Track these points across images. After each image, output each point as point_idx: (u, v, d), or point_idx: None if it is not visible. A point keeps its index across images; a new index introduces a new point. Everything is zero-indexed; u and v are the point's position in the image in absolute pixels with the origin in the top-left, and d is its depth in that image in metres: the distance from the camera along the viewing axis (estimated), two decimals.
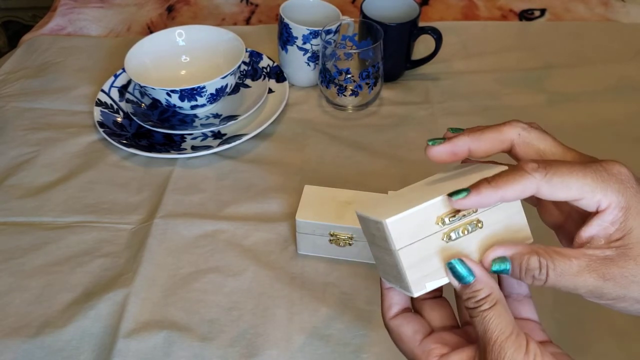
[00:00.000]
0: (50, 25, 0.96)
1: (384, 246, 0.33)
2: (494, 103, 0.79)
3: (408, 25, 0.77)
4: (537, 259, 0.31)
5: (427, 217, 0.32)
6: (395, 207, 0.33)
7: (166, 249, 0.61)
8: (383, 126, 0.76)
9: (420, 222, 0.32)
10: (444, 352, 0.34)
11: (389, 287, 0.37)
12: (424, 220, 0.32)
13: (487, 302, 0.31)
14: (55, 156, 0.72)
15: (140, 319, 0.55)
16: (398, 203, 0.34)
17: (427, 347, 0.35)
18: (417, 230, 0.32)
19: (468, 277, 0.32)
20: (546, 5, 0.99)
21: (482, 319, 0.31)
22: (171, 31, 0.80)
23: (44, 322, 0.55)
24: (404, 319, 0.36)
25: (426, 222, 0.32)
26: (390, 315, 0.37)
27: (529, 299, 0.36)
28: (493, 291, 0.32)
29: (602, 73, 0.84)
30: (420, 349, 0.35)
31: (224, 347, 0.52)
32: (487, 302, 0.31)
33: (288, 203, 0.65)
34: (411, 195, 0.34)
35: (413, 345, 0.35)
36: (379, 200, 0.36)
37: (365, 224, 0.35)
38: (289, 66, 0.81)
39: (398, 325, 0.36)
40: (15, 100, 0.80)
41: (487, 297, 0.31)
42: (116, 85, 0.80)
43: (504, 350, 0.30)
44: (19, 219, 0.65)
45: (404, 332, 0.36)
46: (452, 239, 0.33)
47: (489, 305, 0.31)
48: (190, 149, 0.72)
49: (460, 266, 0.32)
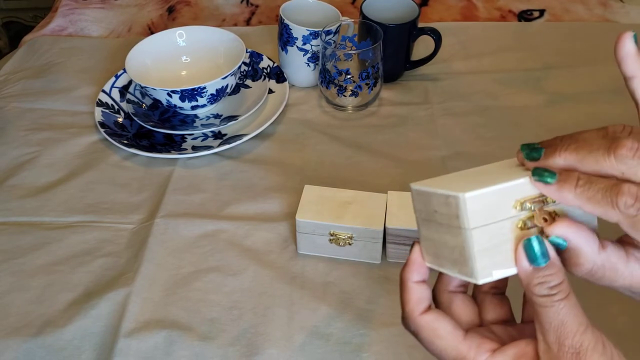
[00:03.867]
0: (51, 26, 0.97)
1: (450, 224, 0.30)
2: (494, 103, 0.79)
3: (407, 26, 0.77)
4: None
5: (507, 198, 0.29)
6: (469, 184, 0.29)
7: (167, 249, 0.61)
8: (383, 126, 0.76)
9: (498, 203, 0.28)
10: (496, 346, 0.30)
11: (418, 281, 0.33)
12: (503, 202, 0.29)
13: (561, 290, 0.28)
14: (56, 156, 0.72)
15: (141, 318, 0.55)
16: (468, 181, 0.30)
17: (475, 341, 0.31)
18: (494, 211, 0.29)
19: (543, 258, 0.28)
20: (545, 5, 0.99)
21: (558, 309, 0.28)
22: (172, 32, 0.80)
23: (45, 321, 0.55)
24: (439, 313, 0.32)
25: (505, 204, 0.29)
26: (421, 310, 0.32)
27: None
28: (566, 279, 0.28)
29: (601, 73, 0.84)
30: (466, 345, 0.31)
31: (224, 346, 0.53)
32: (562, 291, 0.28)
33: (288, 203, 0.65)
34: (483, 176, 0.31)
35: (456, 341, 0.31)
36: (437, 180, 0.32)
37: (423, 199, 0.31)
38: (289, 67, 0.81)
39: (432, 320, 0.32)
40: (17, 100, 0.81)
41: (561, 285, 0.28)
42: (117, 85, 0.80)
43: (584, 345, 0.27)
44: (20, 218, 0.65)
45: (443, 327, 0.31)
46: (528, 227, 0.29)
47: (564, 294, 0.28)
48: (191, 149, 0.72)
49: (537, 244, 0.28)
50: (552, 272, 0.28)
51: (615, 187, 0.27)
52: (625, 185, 0.26)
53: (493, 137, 0.73)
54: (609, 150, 0.27)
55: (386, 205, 0.58)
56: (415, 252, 0.33)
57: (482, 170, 0.33)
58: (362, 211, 0.57)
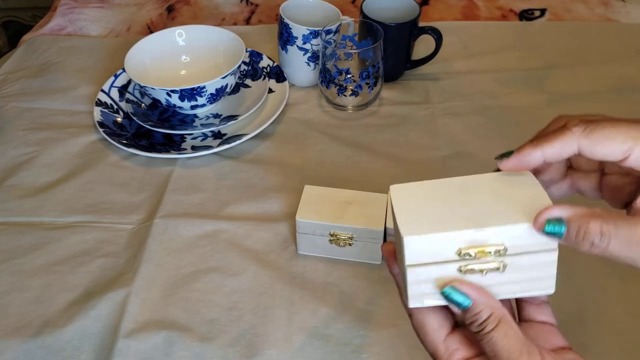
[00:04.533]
0: (50, 25, 0.96)
1: (399, 250, 0.32)
2: (494, 103, 0.79)
3: (408, 25, 0.77)
4: (599, 223, 0.28)
5: (450, 244, 0.31)
6: (422, 218, 0.31)
7: (166, 249, 0.61)
8: (383, 126, 0.76)
9: (440, 247, 0.31)
10: (468, 355, 0.32)
11: None
12: (445, 247, 0.31)
13: (489, 322, 0.30)
14: (55, 156, 0.72)
15: (140, 318, 0.55)
16: (428, 210, 0.32)
17: (453, 345, 0.33)
18: (434, 253, 0.31)
19: (465, 301, 0.31)
20: (546, 5, 0.99)
21: (488, 340, 0.30)
22: (171, 31, 0.80)
23: (45, 322, 0.55)
24: (430, 308, 0.33)
25: (447, 249, 0.31)
26: None
27: (546, 304, 0.35)
28: (494, 310, 0.31)
29: (602, 73, 0.83)
30: (444, 346, 0.33)
31: (224, 347, 0.53)
32: (490, 323, 0.30)
33: (288, 203, 0.65)
34: (445, 203, 0.32)
35: (436, 340, 0.33)
36: (415, 190, 0.34)
37: (392, 213, 0.33)
38: (289, 66, 0.81)
39: (423, 315, 0.34)
40: (16, 100, 0.81)
41: (489, 318, 0.30)
42: (116, 85, 0.80)
43: None
44: (19, 219, 0.65)
45: (429, 324, 0.33)
46: (466, 274, 0.31)
47: (492, 325, 0.30)
48: (191, 149, 0.72)
49: (455, 294, 0.31)
50: (478, 310, 0.31)
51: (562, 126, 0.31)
52: None
53: (494, 137, 0.73)
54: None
55: (386, 205, 0.58)
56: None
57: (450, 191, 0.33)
58: (362, 211, 0.57)
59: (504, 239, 0.31)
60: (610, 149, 0.29)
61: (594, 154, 0.30)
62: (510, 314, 0.32)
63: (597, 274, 0.57)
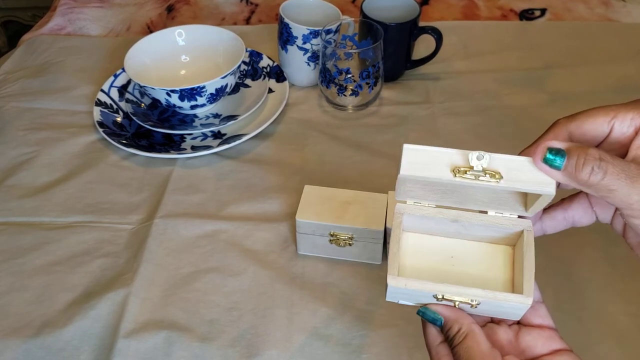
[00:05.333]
0: (50, 25, 0.96)
1: None
2: (494, 103, 0.79)
3: (408, 25, 0.77)
4: (598, 151, 0.30)
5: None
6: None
7: (166, 249, 0.61)
8: (383, 126, 0.76)
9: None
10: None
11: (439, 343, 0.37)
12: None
13: (458, 336, 0.33)
14: (55, 156, 0.72)
15: (140, 319, 0.55)
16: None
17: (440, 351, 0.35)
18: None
19: (437, 319, 0.35)
20: (546, 5, 0.99)
21: (456, 352, 0.33)
22: (171, 31, 0.80)
23: (44, 322, 0.55)
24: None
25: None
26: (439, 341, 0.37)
27: (540, 304, 0.36)
28: (462, 326, 0.34)
29: (602, 73, 0.83)
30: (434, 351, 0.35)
31: (224, 347, 0.52)
32: (457, 337, 0.33)
33: (288, 203, 0.65)
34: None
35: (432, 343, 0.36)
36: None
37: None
38: (289, 66, 0.81)
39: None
40: (15, 100, 0.80)
41: (457, 333, 0.34)
42: (116, 85, 0.80)
43: None
44: (19, 219, 0.65)
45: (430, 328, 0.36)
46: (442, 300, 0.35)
47: (460, 339, 0.33)
48: (190, 149, 0.72)
49: (428, 312, 0.35)
50: (449, 326, 0.34)
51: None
52: None
53: (494, 137, 0.73)
54: None
55: (387, 205, 0.57)
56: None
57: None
58: (363, 211, 0.57)
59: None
60: (595, 124, 0.32)
61: (584, 133, 0.32)
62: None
63: (597, 274, 0.57)
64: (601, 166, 0.29)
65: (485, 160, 0.32)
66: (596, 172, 0.29)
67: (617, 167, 0.29)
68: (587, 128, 0.32)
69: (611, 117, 0.31)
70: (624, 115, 0.31)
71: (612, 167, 0.29)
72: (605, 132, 0.32)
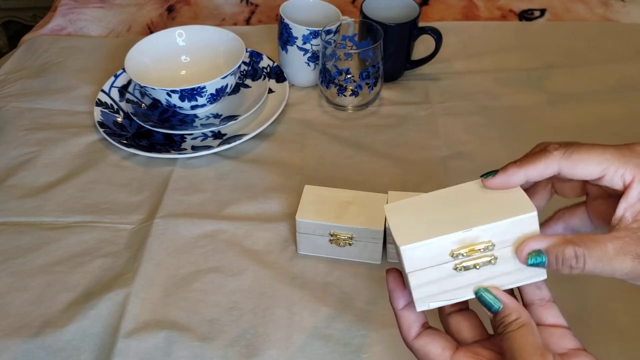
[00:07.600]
0: (51, 25, 0.96)
1: (400, 260, 0.35)
2: (494, 103, 0.79)
3: (408, 25, 0.77)
4: (573, 248, 0.31)
5: (443, 248, 0.34)
6: (415, 229, 0.34)
7: (166, 249, 0.61)
8: (383, 126, 0.76)
9: (434, 252, 0.34)
10: None
11: (403, 308, 0.37)
12: (439, 251, 0.34)
13: (513, 324, 0.33)
14: (56, 156, 0.72)
15: (140, 319, 0.55)
16: (420, 221, 0.35)
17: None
18: (430, 258, 0.34)
19: (495, 304, 0.33)
20: (546, 5, 0.99)
21: (509, 337, 0.32)
22: (171, 31, 0.80)
23: (44, 322, 0.55)
24: (429, 336, 0.36)
25: (440, 252, 0.34)
26: (413, 336, 0.36)
27: (552, 304, 0.36)
28: (521, 315, 0.33)
29: (602, 73, 0.84)
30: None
31: (224, 347, 0.53)
32: (514, 324, 0.33)
33: (288, 203, 0.65)
34: (435, 213, 0.35)
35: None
36: (407, 206, 0.37)
37: (388, 228, 0.36)
38: (289, 66, 0.81)
39: (424, 345, 0.35)
40: (16, 100, 0.81)
41: (515, 321, 0.33)
42: (116, 85, 0.80)
43: None
44: (19, 219, 0.65)
45: (432, 351, 0.35)
46: (462, 270, 0.34)
47: (516, 327, 0.32)
48: (191, 149, 0.72)
49: (486, 295, 0.34)
50: (507, 312, 0.33)
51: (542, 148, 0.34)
52: None
53: (494, 137, 0.73)
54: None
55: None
56: (391, 281, 0.37)
57: (442, 201, 0.36)
58: (363, 211, 0.57)
59: (490, 235, 0.33)
60: (588, 169, 0.32)
61: (574, 174, 0.33)
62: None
63: None
64: (578, 262, 0.31)
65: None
66: (575, 267, 0.31)
67: (594, 257, 0.31)
68: (577, 171, 0.33)
69: (603, 167, 0.32)
70: (615, 172, 0.32)
71: (589, 259, 0.31)
72: (595, 177, 0.33)
